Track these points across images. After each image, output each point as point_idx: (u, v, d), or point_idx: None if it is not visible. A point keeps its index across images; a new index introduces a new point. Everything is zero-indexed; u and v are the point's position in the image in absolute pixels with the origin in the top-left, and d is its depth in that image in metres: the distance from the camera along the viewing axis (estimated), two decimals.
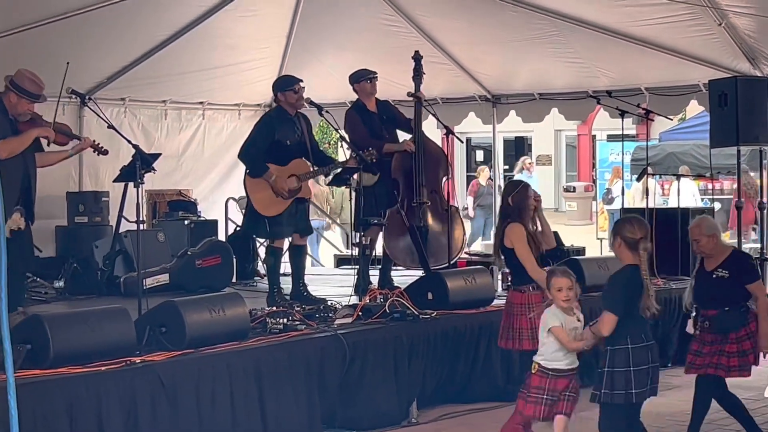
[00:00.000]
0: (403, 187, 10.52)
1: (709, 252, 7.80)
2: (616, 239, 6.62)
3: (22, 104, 8.46)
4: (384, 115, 10.70)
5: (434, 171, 10.79)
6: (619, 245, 6.60)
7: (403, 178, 10.54)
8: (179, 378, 7.01)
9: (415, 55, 11.08)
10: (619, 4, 11.07)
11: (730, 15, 10.88)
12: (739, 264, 7.83)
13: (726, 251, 7.89)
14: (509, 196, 7.93)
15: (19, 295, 8.59)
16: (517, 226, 7.84)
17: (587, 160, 37.62)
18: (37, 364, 6.53)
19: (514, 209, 7.90)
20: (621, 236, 6.59)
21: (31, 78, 8.48)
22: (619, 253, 6.62)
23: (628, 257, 6.57)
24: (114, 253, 11.29)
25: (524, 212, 7.94)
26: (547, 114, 14.25)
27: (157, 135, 14.31)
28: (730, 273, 7.71)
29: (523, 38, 12.67)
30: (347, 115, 10.56)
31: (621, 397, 6.45)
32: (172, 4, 11.95)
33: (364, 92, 10.65)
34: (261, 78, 14.52)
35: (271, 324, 8.12)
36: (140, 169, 8.38)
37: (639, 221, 6.71)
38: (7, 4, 9.82)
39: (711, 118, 11.81)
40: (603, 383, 6.46)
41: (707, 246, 7.78)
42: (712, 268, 7.79)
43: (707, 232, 7.78)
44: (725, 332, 7.65)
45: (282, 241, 10.08)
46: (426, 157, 10.66)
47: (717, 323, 7.67)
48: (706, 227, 7.82)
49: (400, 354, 8.58)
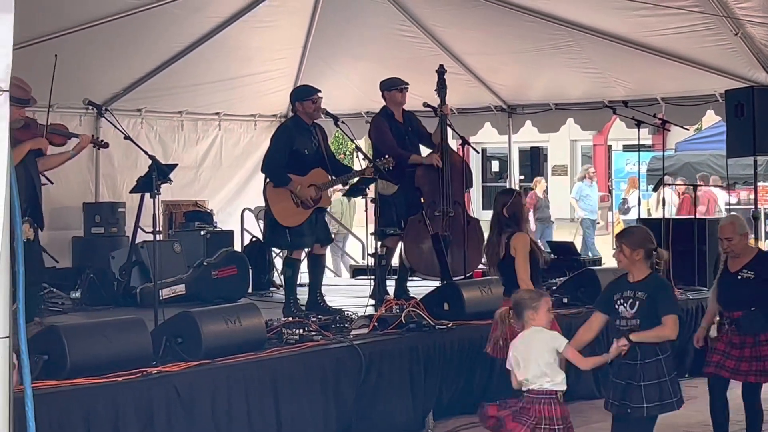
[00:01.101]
0: (426, 196, 10.52)
1: (740, 251, 7.74)
2: (636, 251, 6.58)
3: (12, 111, 8.43)
4: (409, 126, 10.71)
5: (459, 183, 10.80)
6: (639, 256, 6.57)
7: (427, 187, 10.54)
8: (195, 389, 7.00)
9: (439, 68, 11.04)
10: (635, 14, 11.05)
11: (746, 25, 10.86)
12: (765, 265, 7.76)
13: (751, 252, 7.86)
14: (503, 206, 7.88)
15: (33, 305, 8.60)
16: (523, 236, 7.82)
17: (603, 170, 37.53)
18: (53, 374, 6.52)
19: (512, 219, 7.86)
20: (644, 248, 6.56)
21: (16, 84, 8.45)
22: (638, 263, 6.59)
23: (644, 268, 6.56)
24: (130, 264, 11.29)
25: (522, 222, 7.91)
26: (563, 124, 14.25)
27: (174, 146, 14.34)
28: (756, 274, 7.66)
29: (539, 48, 12.66)
30: (374, 121, 10.59)
31: (656, 408, 6.40)
32: (187, 15, 11.97)
33: (394, 101, 10.65)
34: (277, 89, 14.56)
35: (287, 334, 8.11)
36: (157, 180, 8.38)
37: (648, 231, 6.74)
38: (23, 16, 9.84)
39: (727, 128, 11.79)
40: (638, 397, 6.36)
41: (739, 245, 7.74)
42: (737, 270, 7.75)
43: (740, 231, 7.75)
44: (754, 334, 7.58)
45: (300, 252, 10.09)
46: (452, 169, 10.67)
47: (744, 325, 7.60)
48: (739, 226, 7.79)
49: (416, 365, 8.57)
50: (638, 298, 6.57)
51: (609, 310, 6.63)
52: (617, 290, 6.67)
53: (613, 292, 6.70)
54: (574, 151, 39.18)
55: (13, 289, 3.40)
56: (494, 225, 8.00)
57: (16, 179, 3.36)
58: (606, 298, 6.75)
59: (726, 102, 11.72)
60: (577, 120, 14.03)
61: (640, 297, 6.57)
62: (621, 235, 6.97)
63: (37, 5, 9.44)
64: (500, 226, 7.91)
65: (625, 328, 6.51)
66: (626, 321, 6.55)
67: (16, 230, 3.39)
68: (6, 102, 3.33)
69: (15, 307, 3.43)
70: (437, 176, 10.55)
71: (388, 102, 10.69)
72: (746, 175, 18.21)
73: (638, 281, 6.61)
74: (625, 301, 6.60)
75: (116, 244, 12.61)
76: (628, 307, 6.60)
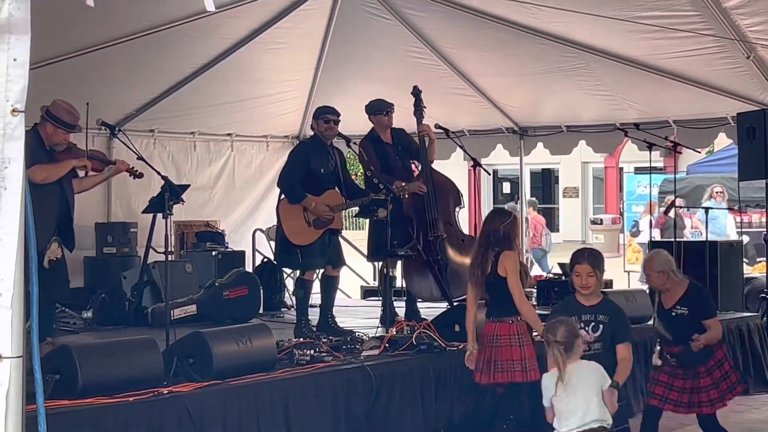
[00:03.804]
0: (417, 223, 10.48)
1: (659, 286, 7.72)
2: (668, 273, 6.73)
3: (58, 134, 8.50)
4: (399, 145, 10.68)
5: (445, 202, 10.77)
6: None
7: (416, 215, 10.50)
8: (206, 409, 7.01)
9: (413, 90, 11.04)
10: (646, 36, 11.06)
11: (758, 48, 10.86)
12: (697, 300, 7.74)
13: (682, 286, 7.74)
14: (502, 224, 7.82)
15: (48, 325, 8.63)
16: (513, 255, 7.76)
17: (614, 192, 37.56)
18: (65, 394, 6.53)
19: (506, 238, 7.80)
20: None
21: (66, 108, 8.52)
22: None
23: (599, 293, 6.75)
24: (142, 284, 11.32)
25: (514, 242, 7.89)
26: (575, 146, 14.25)
27: (188, 167, 14.38)
28: (689, 309, 7.66)
29: (550, 70, 12.68)
30: (361, 146, 10.53)
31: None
32: (200, 37, 12.02)
33: (381, 125, 10.62)
34: (289, 110, 14.62)
35: (298, 355, 8.13)
36: (169, 201, 8.41)
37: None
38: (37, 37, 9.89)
39: (739, 151, 11.78)
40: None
41: (657, 281, 7.70)
42: (670, 306, 7.72)
43: (657, 268, 7.67)
44: (694, 367, 7.63)
45: (312, 273, 10.09)
46: (436, 189, 10.63)
47: (683, 359, 7.64)
48: (657, 263, 7.70)
49: (426, 386, 8.56)
50: (600, 321, 6.56)
51: None
52: (572, 314, 6.58)
53: (568, 316, 6.55)
54: (585, 173, 39.21)
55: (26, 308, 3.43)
56: (483, 242, 7.86)
57: (31, 199, 3.38)
58: None
59: (738, 125, 11.73)
60: (589, 142, 14.04)
61: (602, 320, 6.56)
62: (594, 259, 6.98)
63: (50, 26, 9.48)
64: (492, 243, 7.79)
65: (586, 352, 6.38)
66: (588, 345, 6.50)
67: (30, 250, 3.41)
68: (21, 123, 3.36)
69: (28, 325, 3.45)
70: (424, 201, 10.52)
71: (375, 126, 10.65)
72: (758, 198, 18.19)
73: (595, 305, 6.60)
74: (586, 325, 6.56)
75: (128, 264, 12.63)
76: (590, 331, 6.55)
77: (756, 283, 12.60)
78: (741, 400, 10.64)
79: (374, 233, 10.43)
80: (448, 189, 10.89)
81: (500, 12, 11.63)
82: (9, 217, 3.33)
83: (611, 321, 6.55)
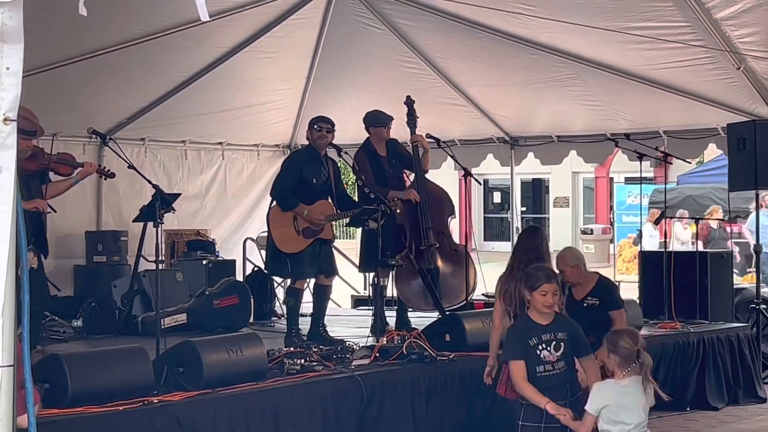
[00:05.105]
0: (409, 232, 10.50)
1: (573, 281, 8.24)
2: (581, 267, 7.14)
3: (20, 143, 8.43)
4: (393, 157, 10.67)
5: (439, 212, 10.77)
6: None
7: (409, 224, 10.51)
8: (197, 418, 7.00)
9: (407, 100, 11.05)
10: (637, 47, 11.09)
11: (748, 59, 10.89)
12: (608, 291, 8.35)
13: (593, 279, 8.37)
14: (543, 240, 7.91)
15: (36, 333, 8.60)
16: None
17: (605, 202, 37.57)
18: (55, 403, 6.53)
19: (545, 255, 7.78)
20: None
21: (23, 115, 8.44)
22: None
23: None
24: (132, 293, 11.31)
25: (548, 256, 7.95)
26: (566, 156, 14.27)
27: (179, 175, 14.37)
28: (600, 300, 8.19)
29: (541, 81, 12.70)
30: (356, 157, 10.51)
31: None
32: (192, 46, 12.02)
33: (379, 137, 10.62)
34: (280, 119, 14.63)
35: (288, 365, 8.11)
36: (160, 209, 8.40)
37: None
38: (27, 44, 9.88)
39: (729, 161, 11.80)
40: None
41: (571, 276, 8.21)
42: (582, 297, 8.22)
43: (570, 263, 8.25)
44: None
45: (303, 282, 10.09)
46: (429, 199, 10.64)
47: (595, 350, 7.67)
48: (570, 258, 8.31)
49: (417, 396, 8.56)
50: (561, 339, 6.42)
51: (526, 355, 6.39)
52: (529, 335, 6.44)
53: (525, 337, 6.46)
54: (576, 183, 39.23)
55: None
56: (522, 260, 7.63)
57: (22, 208, 3.38)
58: (520, 344, 6.47)
59: (728, 135, 11.76)
60: (580, 152, 14.06)
61: (561, 338, 6.43)
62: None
63: (42, 34, 9.47)
64: (530, 261, 7.49)
65: (551, 372, 6.37)
66: (552, 365, 6.39)
67: (22, 259, 3.42)
68: (13, 131, 3.37)
69: (19, 332, 3.44)
70: (417, 211, 10.54)
71: (373, 137, 10.64)
72: (748, 208, 18.24)
73: (551, 323, 6.47)
74: (547, 345, 6.39)
75: (118, 273, 12.63)
76: (552, 350, 6.38)
77: (746, 293, 12.61)
78: (731, 410, 10.70)
79: (366, 244, 10.43)
80: (443, 199, 10.90)
81: (492, 22, 11.65)
82: (0, 226, 3.33)
83: (570, 337, 6.47)
